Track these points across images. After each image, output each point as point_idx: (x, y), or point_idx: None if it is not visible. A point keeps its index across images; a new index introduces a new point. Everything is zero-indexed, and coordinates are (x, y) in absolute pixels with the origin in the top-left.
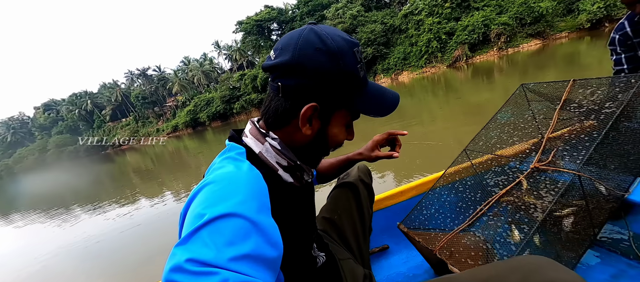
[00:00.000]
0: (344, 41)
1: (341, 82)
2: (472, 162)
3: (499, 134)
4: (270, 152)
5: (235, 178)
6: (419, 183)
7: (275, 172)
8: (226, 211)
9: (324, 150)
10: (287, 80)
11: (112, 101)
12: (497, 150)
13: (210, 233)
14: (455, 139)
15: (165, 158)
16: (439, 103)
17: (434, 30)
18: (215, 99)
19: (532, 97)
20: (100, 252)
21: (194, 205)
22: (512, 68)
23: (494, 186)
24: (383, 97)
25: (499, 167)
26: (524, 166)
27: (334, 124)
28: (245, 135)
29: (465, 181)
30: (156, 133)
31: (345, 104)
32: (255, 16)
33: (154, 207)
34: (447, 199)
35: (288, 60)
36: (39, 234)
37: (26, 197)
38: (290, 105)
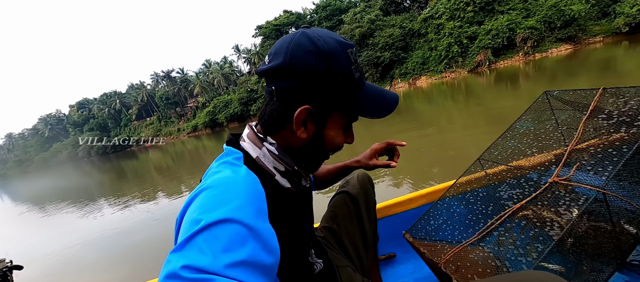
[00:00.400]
0: (337, 43)
1: (334, 84)
2: (487, 172)
3: (517, 143)
4: (267, 157)
5: (232, 183)
6: (428, 191)
7: (273, 177)
8: (223, 216)
9: (323, 154)
10: (280, 83)
11: (138, 101)
12: (514, 161)
13: (206, 239)
14: (475, 147)
15: (185, 156)
16: (458, 109)
17: (455, 34)
18: (233, 101)
19: (556, 106)
20: (117, 243)
21: (190, 210)
22: (540, 74)
23: (508, 199)
24: (381, 99)
25: (515, 180)
26: (543, 179)
27: (330, 127)
28: (243, 139)
29: (477, 192)
30: (177, 132)
31: (341, 106)
32: (274, 21)
33: (171, 204)
34: (456, 210)
35: (280, 64)
36: (68, 223)
37: (58, 188)
38: (285, 108)
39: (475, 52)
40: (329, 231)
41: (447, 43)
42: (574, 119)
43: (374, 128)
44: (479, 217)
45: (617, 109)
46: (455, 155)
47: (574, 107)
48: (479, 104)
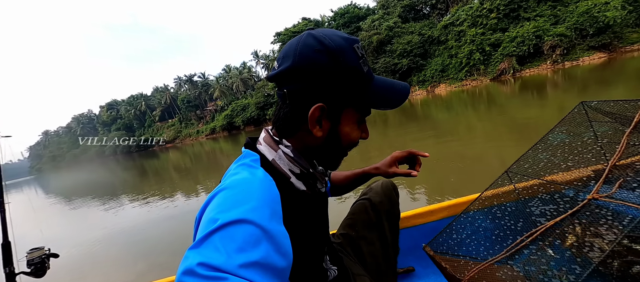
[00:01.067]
0: (343, 39)
1: (345, 79)
2: (516, 185)
3: (550, 156)
4: (283, 159)
5: (249, 184)
6: (451, 203)
7: (288, 179)
8: (238, 216)
9: (340, 151)
10: (291, 85)
11: (162, 103)
12: (547, 175)
13: (222, 238)
14: (497, 157)
15: (203, 157)
16: (479, 118)
17: (477, 41)
18: (250, 105)
19: (594, 118)
20: (135, 239)
21: (208, 209)
22: (569, 83)
23: (540, 215)
24: (392, 89)
25: (548, 195)
26: (581, 196)
27: (345, 123)
28: (260, 143)
29: (505, 206)
30: (196, 134)
31: (353, 101)
32: (292, 28)
33: (187, 203)
34: (482, 224)
35: (290, 66)
36: (93, 217)
37: (86, 183)
38: (299, 109)
39: (498, 60)
40: (347, 238)
41: (469, 50)
42: (615, 133)
43: (390, 135)
44: (507, 233)
45: None
46: (475, 165)
47: (615, 119)
48: (502, 113)
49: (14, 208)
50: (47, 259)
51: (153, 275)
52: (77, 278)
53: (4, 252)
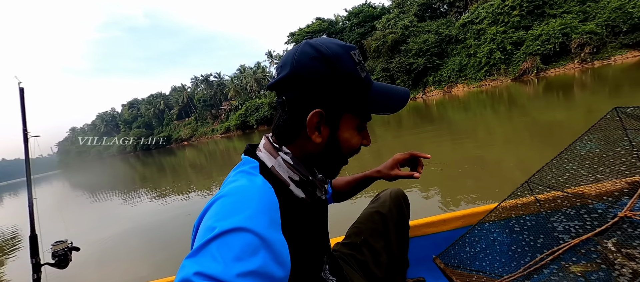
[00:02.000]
0: (339, 46)
1: (342, 85)
2: (537, 197)
3: (577, 167)
4: (282, 166)
5: (248, 192)
6: (465, 213)
7: (287, 187)
8: (236, 225)
9: (340, 157)
10: (290, 93)
11: (179, 102)
12: (573, 187)
13: (219, 247)
14: (516, 162)
15: (217, 155)
16: (499, 120)
17: (498, 40)
18: (264, 105)
19: (629, 125)
20: (152, 235)
21: (206, 217)
22: (599, 84)
23: (563, 232)
24: (391, 95)
25: (573, 209)
26: (611, 212)
27: (344, 129)
28: (260, 149)
29: (524, 219)
30: (211, 133)
31: (351, 107)
32: (306, 28)
33: (204, 200)
34: (497, 238)
35: (288, 74)
36: (115, 210)
37: (109, 177)
38: (297, 116)
39: (520, 59)
40: (351, 248)
41: (489, 49)
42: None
43: (404, 137)
44: (525, 249)
45: None
46: (493, 170)
47: None
48: (524, 115)
49: (43, 201)
50: (70, 252)
51: (169, 267)
52: (97, 270)
53: (31, 244)
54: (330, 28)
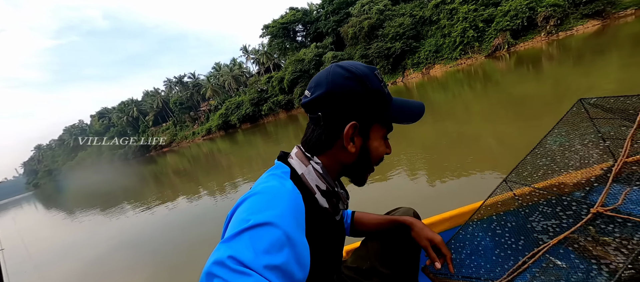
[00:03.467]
0: (365, 67)
1: (371, 100)
2: (515, 194)
3: (549, 163)
4: (311, 174)
5: (279, 192)
6: (452, 214)
7: (313, 195)
8: (268, 219)
9: (369, 166)
10: (326, 109)
11: (154, 108)
12: (547, 184)
13: (252, 237)
14: (494, 138)
15: (201, 159)
16: (476, 97)
17: (470, 18)
18: (244, 102)
19: (595, 115)
20: (142, 245)
21: (240, 210)
22: (565, 54)
23: (542, 232)
24: (409, 107)
25: (549, 207)
26: (584, 209)
27: (374, 138)
28: (291, 157)
29: (504, 220)
30: (192, 136)
31: (379, 118)
32: (280, 19)
33: (191, 205)
34: (481, 242)
35: (324, 93)
36: (97, 227)
37: (85, 194)
38: (333, 129)
39: (492, 36)
40: (356, 272)
41: (462, 28)
42: (619, 131)
43: None
44: (508, 252)
45: None
46: (472, 145)
47: (618, 116)
48: (499, 90)
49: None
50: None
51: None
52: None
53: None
54: (304, 17)
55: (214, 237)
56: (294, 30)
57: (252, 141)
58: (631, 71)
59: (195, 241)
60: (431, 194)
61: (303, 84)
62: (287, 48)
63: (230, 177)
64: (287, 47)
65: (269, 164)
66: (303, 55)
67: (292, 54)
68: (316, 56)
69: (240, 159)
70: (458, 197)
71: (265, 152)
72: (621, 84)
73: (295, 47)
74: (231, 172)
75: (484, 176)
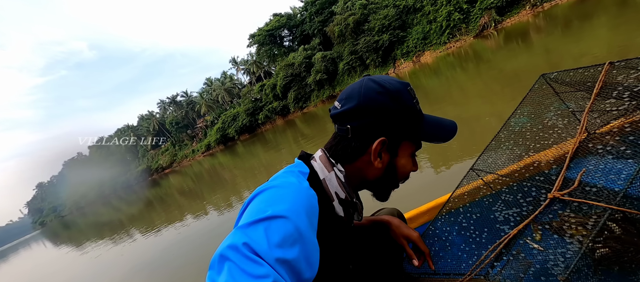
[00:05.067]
0: (399, 83)
1: (403, 117)
2: (484, 181)
3: (512, 146)
4: (333, 181)
5: (296, 189)
6: (429, 207)
7: (330, 201)
8: (283, 212)
9: (394, 182)
10: (356, 122)
11: (150, 130)
12: (507, 169)
13: (267, 229)
14: (493, 115)
15: (204, 176)
16: (470, 78)
17: (454, 1)
18: (240, 114)
19: (559, 90)
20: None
21: (257, 200)
22: (552, 25)
23: (503, 222)
24: (441, 125)
25: (510, 195)
26: (544, 193)
27: (402, 155)
28: (315, 159)
29: (470, 212)
30: (192, 154)
31: (409, 135)
32: (265, 27)
33: (200, 222)
34: (448, 237)
35: (355, 106)
36: (109, 259)
37: (94, 226)
38: (361, 143)
39: (478, 16)
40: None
41: (446, 12)
42: (580, 106)
43: None
44: (472, 247)
45: (629, 87)
46: (474, 125)
47: (581, 89)
48: (491, 68)
49: None
50: None
51: None
52: None
53: None
54: (289, 22)
55: None
56: (280, 36)
57: (253, 151)
58: (620, 31)
59: (207, 256)
60: (432, 184)
61: (296, 88)
62: (276, 54)
63: (235, 191)
64: (276, 53)
65: (271, 171)
66: (292, 59)
67: (281, 59)
68: (306, 58)
69: (243, 170)
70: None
71: (267, 160)
72: (613, 46)
73: (283, 52)
74: (235, 185)
75: None
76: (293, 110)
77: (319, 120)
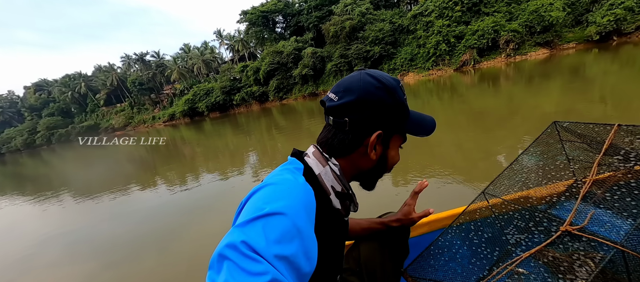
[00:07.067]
0: (393, 80)
1: (397, 112)
2: (492, 208)
3: (525, 179)
4: (328, 175)
5: (292, 185)
6: (431, 219)
7: (327, 195)
8: (281, 209)
9: (383, 172)
10: (354, 115)
11: (107, 85)
12: (522, 199)
13: (265, 225)
14: (454, 144)
15: (159, 147)
16: (443, 107)
17: (444, 32)
18: (215, 89)
19: (566, 138)
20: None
21: (254, 198)
22: (518, 75)
23: (516, 244)
24: (424, 121)
25: (522, 222)
26: (554, 226)
27: (392, 147)
28: (308, 156)
29: (481, 231)
30: (152, 121)
31: (400, 129)
32: (261, 7)
33: (145, 194)
34: (459, 250)
35: (355, 99)
36: (25, 219)
37: (14, 178)
38: (358, 135)
39: (461, 52)
40: (350, 273)
41: (436, 41)
42: (587, 156)
43: None
44: (483, 262)
45: (635, 149)
46: (435, 150)
47: (585, 142)
48: (463, 102)
49: None
50: None
51: None
52: None
53: None
54: (286, 9)
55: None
56: (273, 21)
57: (221, 132)
58: (567, 95)
59: (150, 235)
60: (392, 197)
61: (280, 77)
62: (265, 38)
63: (192, 168)
64: (265, 37)
65: (236, 156)
66: (282, 48)
67: (270, 44)
68: (295, 50)
69: (206, 149)
70: (420, 201)
71: (234, 144)
72: (559, 106)
73: (274, 38)
74: (194, 162)
75: (445, 180)
76: (272, 98)
77: (296, 115)
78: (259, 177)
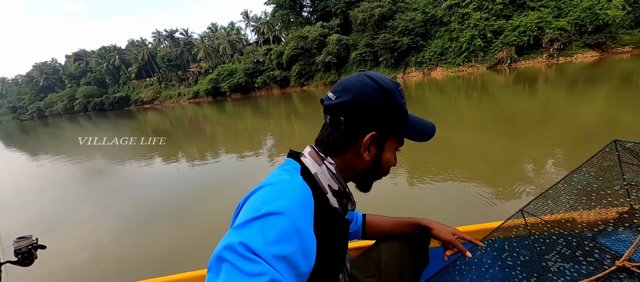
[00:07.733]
0: (392, 83)
1: (393, 115)
2: (531, 230)
3: (574, 202)
4: (325, 174)
5: (290, 185)
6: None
7: (325, 194)
8: (278, 209)
9: (378, 174)
10: (350, 115)
11: (138, 59)
12: (568, 224)
13: (263, 226)
14: (477, 148)
15: (184, 122)
16: (470, 106)
17: (480, 26)
18: (238, 71)
19: (627, 159)
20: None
21: (252, 199)
22: (560, 79)
23: (558, 273)
24: (422, 126)
25: (569, 250)
26: (607, 258)
27: (387, 150)
28: (304, 155)
29: (517, 254)
30: (177, 97)
31: (396, 132)
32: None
33: (168, 167)
34: (489, 270)
35: (351, 99)
36: (62, 177)
37: (55, 138)
38: (353, 135)
39: (498, 48)
40: (365, 274)
41: (471, 35)
42: None
43: None
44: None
45: None
46: (457, 153)
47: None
48: (493, 103)
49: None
50: (35, 249)
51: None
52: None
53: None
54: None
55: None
56: (301, 4)
57: (241, 113)
58: (614, 105)
59: (168, 205)
60: (407, 199)
61: (302, 63)
62: (291, 22)
63: (212, 146)
64: (292, 20)
65: (254, 138)
66: (307, 33)
67: (295, 29)
68: (321, 36)
69: (226, 128)
70: (430, 205)
71: (253, 126)
72: (602, 116)
73: (299, 22)
74: (214, 140)
75: (462, 186)
76: (293, 84)
77: (316, 102)
78: (274, 161)
